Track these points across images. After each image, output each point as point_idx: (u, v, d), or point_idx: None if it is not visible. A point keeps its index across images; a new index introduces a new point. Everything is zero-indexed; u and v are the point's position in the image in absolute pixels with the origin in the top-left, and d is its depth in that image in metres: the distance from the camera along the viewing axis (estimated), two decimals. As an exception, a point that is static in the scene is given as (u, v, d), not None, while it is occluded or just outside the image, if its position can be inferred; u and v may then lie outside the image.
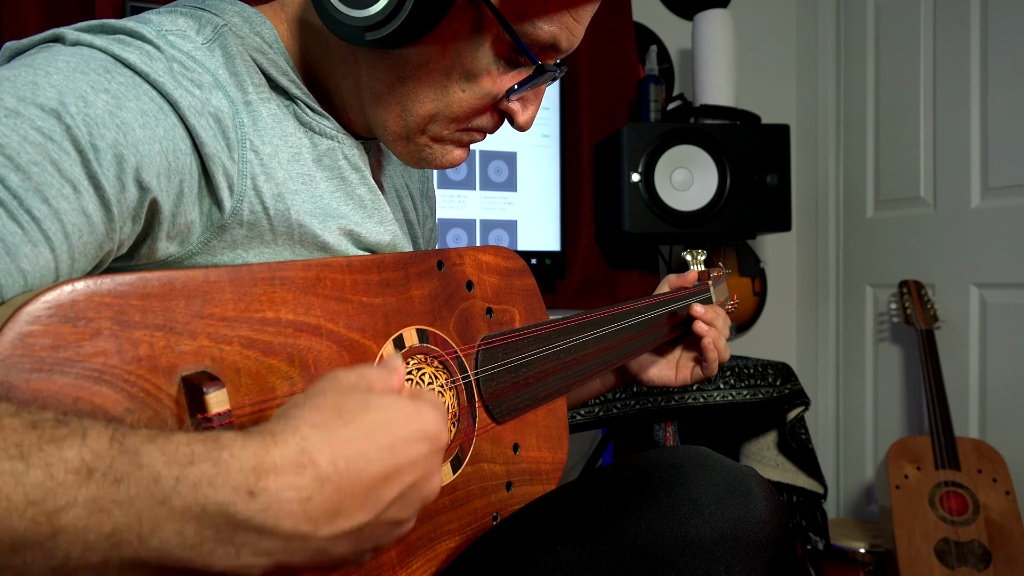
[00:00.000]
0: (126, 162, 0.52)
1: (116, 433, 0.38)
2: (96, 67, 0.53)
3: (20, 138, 0.47)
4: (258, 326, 0.53)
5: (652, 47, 2.12)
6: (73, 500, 0.36)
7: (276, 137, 0.64)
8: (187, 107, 0.56)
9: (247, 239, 0.61)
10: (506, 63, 0.67)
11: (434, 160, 0.72)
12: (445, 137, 0.70)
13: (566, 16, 0.66)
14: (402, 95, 0.67)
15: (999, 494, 1.71)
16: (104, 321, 0.44)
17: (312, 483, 0.42)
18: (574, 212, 2.05)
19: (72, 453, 0.36)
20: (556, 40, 0.67)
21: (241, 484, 0.39)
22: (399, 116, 0.68)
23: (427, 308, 0.69)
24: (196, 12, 0.64)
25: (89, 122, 0.50)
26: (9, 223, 0.46)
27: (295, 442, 0.42)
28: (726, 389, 1.63)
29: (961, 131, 1.95)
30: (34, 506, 0.35)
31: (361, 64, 0.67)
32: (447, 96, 0.67)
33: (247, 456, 0.40)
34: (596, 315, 0.88)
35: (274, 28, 0.67)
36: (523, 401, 0.77)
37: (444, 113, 0.68)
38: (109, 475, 0.37)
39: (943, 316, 1.98)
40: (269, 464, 0.41)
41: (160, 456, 0.38)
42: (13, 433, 0.36)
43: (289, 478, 0.41)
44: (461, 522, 0.69)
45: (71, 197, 0.49)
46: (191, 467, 0.39)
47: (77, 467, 0.36)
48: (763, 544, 0.62)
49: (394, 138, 0.70)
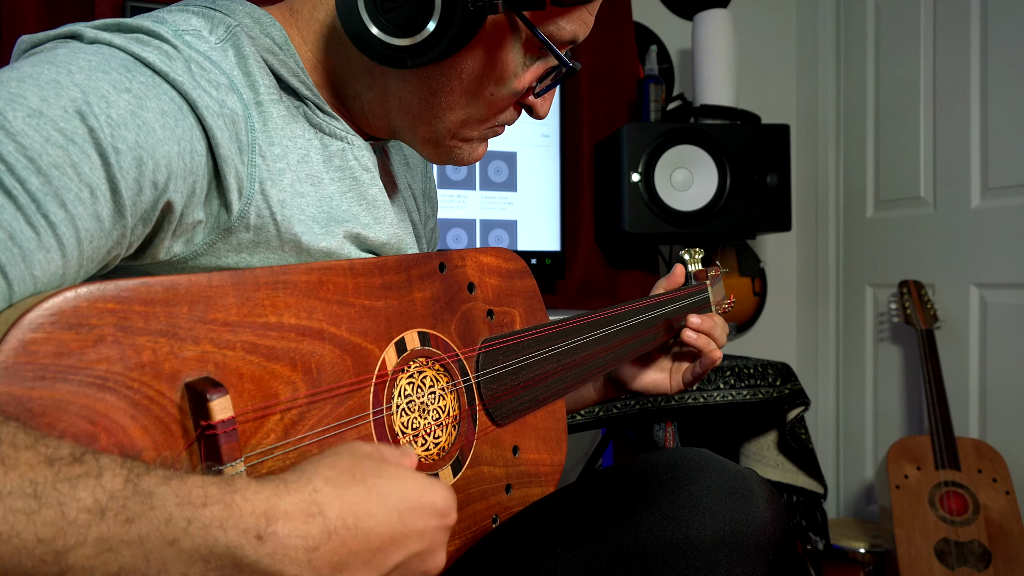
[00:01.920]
0: (145, 164, 0.52)
1: (131, 474, 0.39)
2: (117, 66, 0.53)
3: (43, 139, 0.47)
4: (261, 331, 0.53)
5: (652, 47, 2.12)
6: (83, 539, 0.36)
7: (286, 138, 0.64)
8: (205, 108, 0.56)
9: (253, 244, 0.61)
10: (530, 61, 0.69)
11: (463, 159, 0.74)
12: (473, 137, 0.73)
13: (583, 12, 0.68)
14: (434, 106, 0.68)
15: (999, 494, 1.71)
16: (107, 327, 0.44)
17: (320, 533, 0.43)
18: (574, 212, 2.05)
19: (86, 493, 0.37)
20: (576, 36, 0.69)
21: (251, 527, 0.40)
22: (430, 124, 0.70)
23: (429, 311, 0.69)
24: (208, 12, 0.64)
25: (112, 123, 0.50)
26: (26, 228, 0.46)
27: (307, 492, 0.43)
28: (726, 389, 1.63)
29: (961, 131, 1.95)
30: (43, 544, 0.35)
31: (390, 78, 0.68)
32: (478, 101, 0.69)
33: (259, 501, 0.41)
34: (596, 316, 0.89)
35: (283, 29, 0.67)
36: (523, 403, 0.78)
37: (475, 117, 0.70)
38: (121, 515, 0.37)
39: (943, 316, 1.98)
40: (280, 510, 0.42)
41: (173, 498, 0.39)
42: (29, 470, 0.36)
43: (298, 525, 0.42)
44: (461, 525, 0.69)
45: (88, 201, 0.49)
46: (204, 509, 0.39)
47: (90, 507, 0.37)
48: (764, 546, 0.62)
49: (422, 142, 0.72)
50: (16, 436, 0.37)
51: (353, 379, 0.60)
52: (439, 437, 0.68)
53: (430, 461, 0.67)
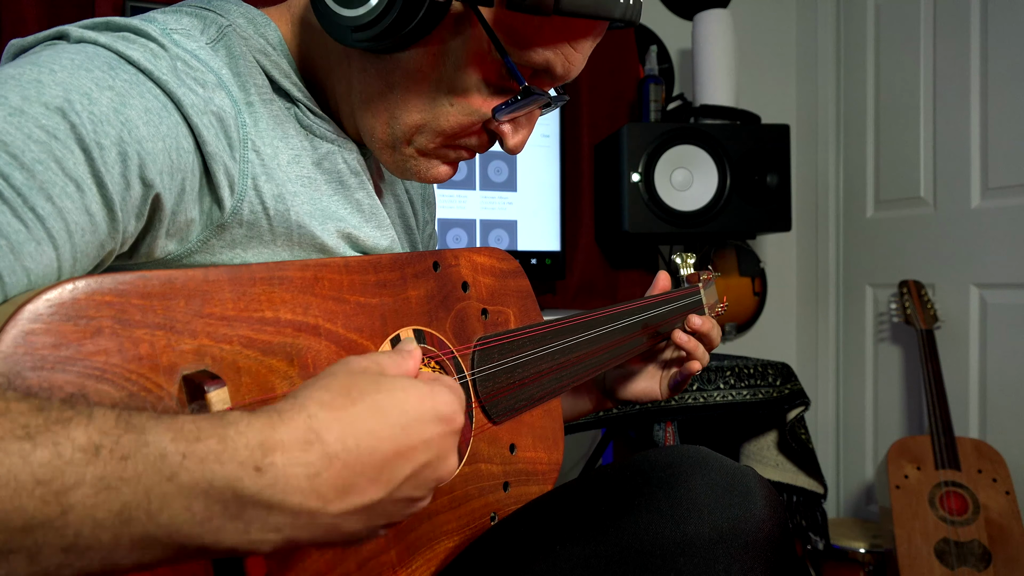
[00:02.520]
0: (130, 159, 0.52)
1: (123, 413, 0.39)
2: (100, 64, 0.54)
3: (25, 136, 0.47)
4: (257, 325, 0.53)
5: (652, 47, 2.12)
6: (81, 479, 0.36)
7: (277, 139, 0.64)
8: (190, 105, 0.57)
9: (246, 239, 0.62)
10: (497, 83, 0.66)
11: (418, 173, 0.71)
12: (431, 151, 0.70)
13: (564, 45, 0.65)
14: (391, 102, 0.67)
15: (999, 494, 1.71)
16: (105, 320, 0.44)
17: (320, 459, 0.42)
18: (574, 212, 2.05)
19: (79, 432, 0.37)
20: (551, 65, 0.65)
21: (247, 460, 0.40)
22: (386, 123, 0.68)
23: (424, 309, 0.69)
24: (201, 12, 0.65)
25: (94, 119, 0.50)
26: (14, 221, 0.46)
27: (302, 420, 0.43)
28: (726, 389, 1.63)
29: (961, 131, 1.95)
30: (42, 485, 0.35)
31: (353, 67, 0.67)
32: (435, 109, 0.66)
33: (253, 433, 0.41)
34: (590, 316, 0.89)
35: (279, 30, 0.67)
36: (519, 402, 0.78)
37: (431, 126, 0.67)
38: (116, 452, 0.37)
39: (943, 316, 1.98)
40: (276, 441, 0.41)
41: (166, 433, 0.39)
42: (20, 416, 0.36)
43: (296, 454, 0.41)
44: (459, 522, 0.69)
45: (75, 196, 0.49)
46: (197, 443, 0.39)
47: (84, 445, 0.36)
48: (762, 544, 0.62)
49: (381, 145, 0.70)
50: (5, 392, 0.38)
51: (350, 374, 0.59)
52: (437, 433, 0.68)
53: None
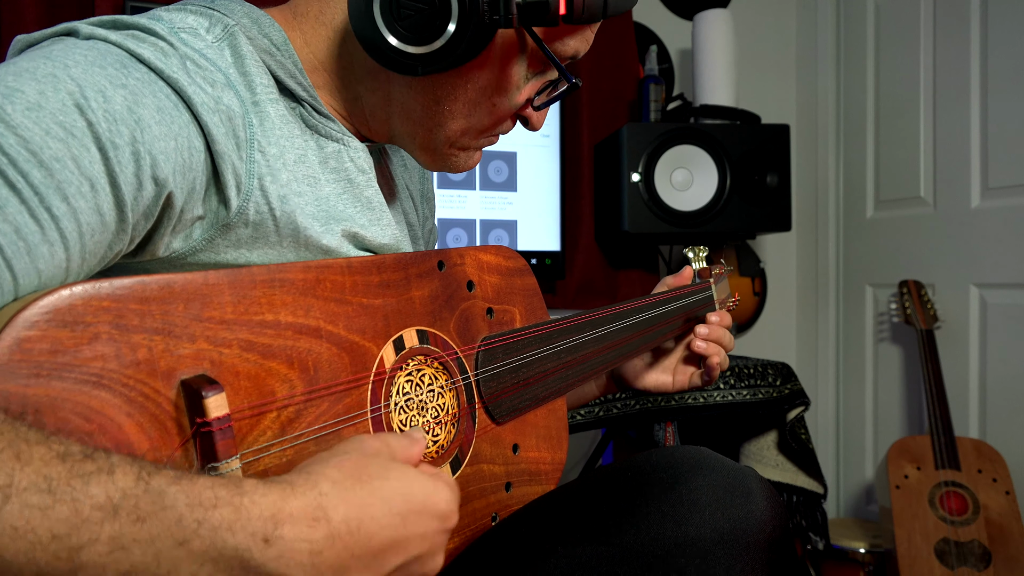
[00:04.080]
0: (143, 159, 0.52)
1: (142, 472, 0.39)
2: (113, 62, 0.53)
3: (43, 132, 0.47)
4: (257, 329, 0.53)
5: (652, 47, 2.12)
6: (96, 537, 0.36)
7: (283, 138, 0.64)
8: (200, 104, 0.56)
9: (252, 239, 0.61)
10: (532, 75, 0.71)
11: (458, 166, 0.75)
12: (471, 146, 0.74)
13: (586, 29, 0.71)
14: (436, 113, 0.69)
15: (999, 494, 1.71)
16: (102, 325, 0.44)
17: (324, 539, 0.43)
18: (574, 212, 2.04)
19: (99, 490, 0.37)
20: (578, 52, 0.72)
21: (259, 531, 0.41)
22: (430, 131, 0.71)
23: (427, 309, 0.69)
24: (206, 11, 0.64)
25: (109, 118, 0.50)
26: (30, 221, 0.46)
27: (313, 496, 0.44)
28: (726, 389, 1.63)
29: (961, 131, 1.95)
30: (57, 540, 0.36)
31: (395, 83, 0.69)
32: (479, 112, 0.70)
33: (267, 504, 0.42)
34: (596, 314, 0.88)
35: (283, 31, 0.67)
36: (523, 402, 0.77)
37: (475, 127, 0.71)
38: (133, 514, 0.38)
39: (943, 316, 1.98)
40: (286, 513, 0.42)
41: (184, 498, 0.39)
42: (43, 465, 0.37)
43: (303, 529, 0.42)
44: (461, 523, 0.69)
45: (88, 195, 0.49)
46: (214, 511, 0.40)
47: (103, 504, 0.37)
48: (762, 544, 0.62)
49: (420, 149, 0.73)
50: (28, 432, 0.38)
51: (351, 377, 0.59)
52: (438, 435, 0.68)
53: (429, 459, 0.67)
